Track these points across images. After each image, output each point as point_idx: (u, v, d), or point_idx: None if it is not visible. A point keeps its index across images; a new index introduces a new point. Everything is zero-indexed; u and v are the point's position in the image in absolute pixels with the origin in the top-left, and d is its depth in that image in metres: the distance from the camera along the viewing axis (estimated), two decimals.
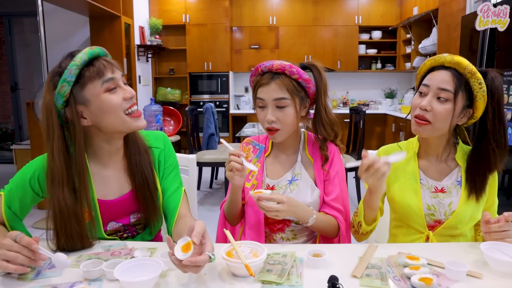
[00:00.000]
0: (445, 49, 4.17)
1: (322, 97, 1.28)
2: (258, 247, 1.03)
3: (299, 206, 1.21)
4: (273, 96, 1.23)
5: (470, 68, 1.14)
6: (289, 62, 1.25)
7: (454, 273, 0.93)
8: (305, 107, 1.31)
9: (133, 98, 1.12)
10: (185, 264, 0.85)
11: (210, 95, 6.27)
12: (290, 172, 1.34)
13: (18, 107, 6.42)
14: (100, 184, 1.18)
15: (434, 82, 1.17)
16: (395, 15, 6.11)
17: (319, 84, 1.28)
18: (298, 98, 1.25)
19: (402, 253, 1.07)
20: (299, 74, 1.23)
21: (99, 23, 4.85)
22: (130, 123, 1.12)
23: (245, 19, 6.27)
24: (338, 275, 0.84)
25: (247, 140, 1.44)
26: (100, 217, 1.17)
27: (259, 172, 1.34)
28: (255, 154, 1.39)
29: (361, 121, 3.87)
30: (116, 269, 0.90)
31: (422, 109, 1.17)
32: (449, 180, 1.25)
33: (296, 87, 1.25)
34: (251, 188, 1.32)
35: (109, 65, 1.08)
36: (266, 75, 1.25)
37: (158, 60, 6.38)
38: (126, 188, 1.21)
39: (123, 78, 1.14)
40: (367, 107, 6.25)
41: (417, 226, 1.26)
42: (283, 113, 1.24)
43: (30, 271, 0.98)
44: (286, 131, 1.27)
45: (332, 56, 6.27)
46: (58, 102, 1.07)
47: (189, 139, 4.25)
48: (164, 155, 1.28)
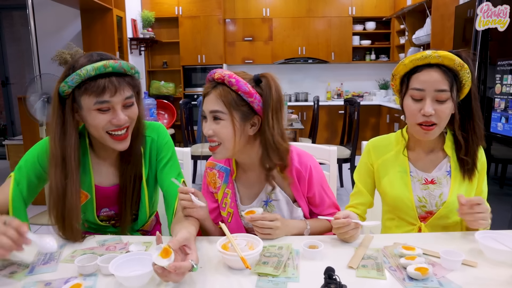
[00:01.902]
0: (439, 39, 4.16)
1: (269, 115, 1.11)
2: (254, 240, 1.03)
3: (291, 224, 1.19)
4: (209, 107, 1.13)
5: (458, 62, 1.12)
6: (237, 71, 1.14)
7: (449, 262, 0.94)
8: (253, 124, 1.15)
9: (120, 125, 1.12)
10: (168, 271, 0.84)
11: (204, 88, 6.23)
12: (263, 193, 1.24)
13: (10, 102, 6.34)
14: (96, 171, 1.23)
15: (428, 85, 1.12)
16: (389, 6, 6.09)
17: (266, 99, 1.12)
18: (238, 113, 1.11)
19: (397, 244, 1.08)
20: (238, 86, 1.09)
21: (90, 16, 4.78)
22: (109, 141, 1.14)
23: (238, 11, 6.22)
24: (334, 267, 0.84)
25: (209, 164, 1.32)
26: (95, 201, 1.21)
27: (232, 198, 1.26)
28: (222, 180, 1.28)
29: (356, 112, 3.88)
30: (111, 263, 0.90)
31: (426, 115, 1.13)
32: (439, 171, 1.24)
33: (236, 100, 1.10)
34: (228, 217, 1.27)
35: (112, 87, 1.08)
36: (209, 84, 1.15)
37: (151, 53, 6.32)
38: (116, 179, 1.25)
39: (127, 101, 1.12)
40: (361, 99, 6.25)
41: (408, 218, 1.26)
42: (219, 127, 1.12)
43: (22, 269, 0.97)
44: (226, 148, 1.13)
45: (326, 47, 6.24)
46: (61, 93, 1.13)
47: (183, 133, 4.23)
48: (157, 146, 1.28)
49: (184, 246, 0.93)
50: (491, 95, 2.71)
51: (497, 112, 2.64)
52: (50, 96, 3.15)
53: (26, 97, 3.07)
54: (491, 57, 2.75)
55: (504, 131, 2.57)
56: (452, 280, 0.89)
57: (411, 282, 0.89)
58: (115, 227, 1.29)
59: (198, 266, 0.94)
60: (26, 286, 0.89)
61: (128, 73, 1.13)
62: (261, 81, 1.14)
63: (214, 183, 1.31)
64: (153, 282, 0.90)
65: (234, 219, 1.26)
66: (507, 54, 2.58)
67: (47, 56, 4.32)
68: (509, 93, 2.53)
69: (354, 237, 1.10)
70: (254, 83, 1.14)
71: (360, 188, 1.35)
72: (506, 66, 2.56)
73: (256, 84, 1.14)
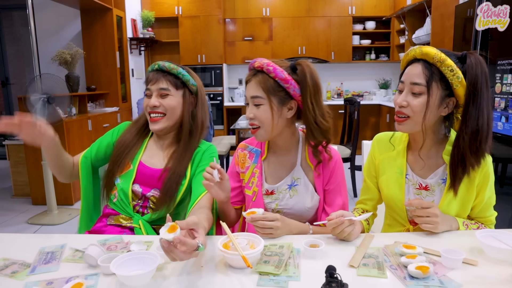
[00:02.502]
0: (438, 38, 4.16)
1: (308, 99, 1.20)
2: (255, 239, 1.04)
3: (293, 224, 1.21)
4: (250, 93, 1.24)
5: (438, 57, 1.10)
6: (275, 60, 1.24)
7: (450, 261, 0.94)
8: (290, 108, 1.25)
9: (152, 107, 1.35)
10: (173, 247, 0.85)
11: (204, 88, 6.23)
12: (289, 177, 1.31)
13: (10, 102, 6.34)
14: (148, 151, 1.43)
15: (407, 78, 1.16)
16: (389, 5, 6.09)
17: (303, 85, 1.21)
18: (276, 98, 1.22)
19: (398, 243, 1.08)
20: (275, 73, 1.20)
21: (90, 16, 4.78)
22: (148, 121, 1.39)
23: (238, 11, 6.21)
24: (335, 265, 0.84)
25: (241, 146, 1.42)
26: (135, 174, 1.37)
27: (259, 178, 1.33)
28: (252, 160, 1.36)
29: (356, 112, 3.88)
30: (113, 263, 0.90)
31: (399, 106, 1.16)
32: (433, 178, 1.22)
33: (274, 86, 1.21)
34: (252, 196, 1.32)
35: (152, 78, 1.37)
36: (250, 72, 1.27)
37: (151, 53, 6.32)
38: (160, 165, 1.38)
39: (161, 91, 1.36)
40: (361, 98, 6.25)
41: (399, 219, 1.29)
42: (258, 111, 1.23)
43: (24, 269, 0.98)
44: (266, 130, 1.25)
45: (326, 47, 6.24)
46: None
47: None
48: (202, 156, 1.39)
49: (192, 230, 0.92)
50: (491, 94, 2.71)
51: (497, 111, 2.64)
52: (50, 96, 3.15)
53: (27, 97, 3.07)
54: (491, 56, 2.75)
55: (504, 130, 2.57)
56: (453, 279, 0.89)
57: (412, 280, 0.89)
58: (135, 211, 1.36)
59: (202, 265, 0.95)
60: (28, 286, 0.89)
61: (171, 71, 1.36)
62: (297, 69, 1.23)
63: (243, 163, 1.38)
64: (154, 281, 0.91)
65: (258, 197, 1.32)
66: (507, 53, 2.58)
67: (47, 56, 4.33)
68: (509, 93, 2.53)
69: (352, 234, 1.10)
70: (291, 70, 1.23)
71: (368, 183, 1.36)
72: (506, 66, 2.57)
73: (292, 71, 1.23)
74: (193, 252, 0.88)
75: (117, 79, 4.91)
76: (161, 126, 1.37)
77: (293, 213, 1.29)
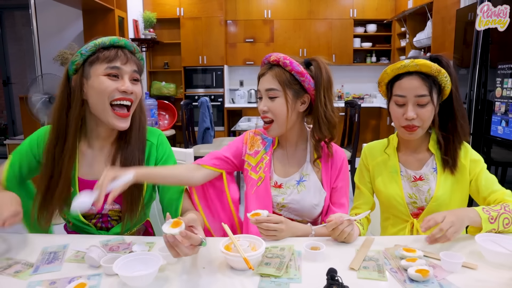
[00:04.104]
0: (439, 42, 4.18)
1: (321, 94, 1.24)
2: (257, 241, 1.04)
3: (296, 226, 1.22)
4: (265, 86, 1.26)
5: (435, 68, 1.19)
6: (290, 55, 1.25)
7: (450, 264, 0.94)
8: (303, 102, 1.28)
9: (127, 93, 1.14)
10: (179, 242, 0.87)
11: (205, 89, 6.24)
12: (298, 173, 1.32)
13: (11, 101, 6.35)
14: (84, 162, 1.22)
15: (409, 92, 1.21)
16: (390, 9, 6.10)
17: (318, 80, 1.24)
18: (291, 91, 1.24)
19: (398, 246, 1.09)
20: (291, 66, 1.23)
21: (92, 17, 4.79)
22: (109, 116, 1.14)
23: (239, 13, 6.23)
24: (336, 268, 0.85)
25: (256, 131, 1.42)
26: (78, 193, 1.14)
27: (267, 164, 1.33)
28: (264, 146, 1.37)
29: (356, 114, 3.88)
30: (115, 263, 0.91)
31: (408, 119, 1.21)
32: (426, 168, 1.31)
33: (289, 79, 1.24)
34: (258, 180, 1.32)
35: (124, 56, 1.14)
36: (265, 66, 1.29)
37: (152, 54, 6.33)
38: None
39: (134, 74, 1.17)
40: (362, 101, 6.26)
41: (401, 215, 1.32)
42: (273, 104, 1.25)
43: (27, 268, 0.98)
44: (279, 124, 1.26)
45: (327, 49, 6.25)
46: (70, 68, 1.16)
47: (184, 134, 4.23)
48: (156, 152, 1.28)
49: (190, 226, 0.94)
50: (492, 98, 2.72)
51: (497, 115, 2.65)
52: (52, 96, 3.16)
53: (28, 97, 3.08)
54: (491, 60, 2.76)
55: (504, 134, 2.58)
56: (453, 282, 0.90)
57: (412, 283, 0.89)
58: (97, 228, 1.26)
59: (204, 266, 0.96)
60: (31, 285, 0.90)
61: (136, 54, 1.20)
62: (311, 64, 1.27)
63: (253, 145, 1.38)
64: (156, 282, 0.91)
65: (264, 184, 1.32)
66: (507, 57, 2.59)
67: (49, 56, 4.32)
68: (510, 97, 2.54)
69: (352, 235, 1.11)
70: (305, 65, 1.27)
71: (362, 189, 1.40)
72: (507, 70, 2.58)
73: (306, 66, 1.27)
74: (196, 247, 0.90)
75: None
76: (129, 123, 1.17)
77: (297, 209, 1.30)
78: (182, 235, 0.87)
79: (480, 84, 2.85)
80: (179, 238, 0.88)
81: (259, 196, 1.30)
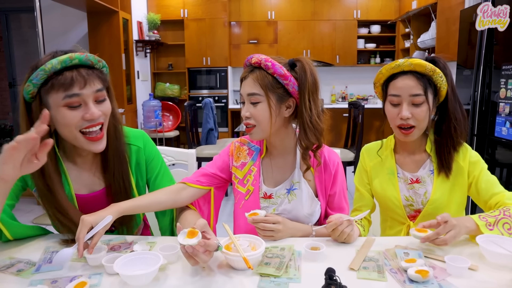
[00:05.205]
0: (444, 43, 4.16)
1: (306, 97, 1.15)
2: (257, 241, 1.04)
3: (296, 227, 1.20)
4: (246, 91, 1.18)
5: (429, 67, 1.19)
6: (273, 56, 1.18)
7: (455, 269, 0.93)
8: (289, 106, 1.20)
9: (94, 120, 1.05)
10: (197, 251, 0.87)
11: (209, 90, 6.26)
12: (288, 181, 1.26)
13: (17, 103, 6.38)
14: (73, 179, 1.18)
15: (403, 91, 1.20)
16: (394, 9, 6.09)
17: (302, 82, 1.15)
18: (274, 95, 1.16)
19: (398, 246, 1.08)
20: (273, 69, 1.14)
21: (97, 19, 4.83)
22: (83, 143, 1.07)
23: (243, 14, 6.25)
24: (335, 268, 0.85)
25: (241, 140, 1.35)
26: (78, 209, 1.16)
27: (255, 177, 1.27)
28: (251, 157, 1.30)
29: (360, 115, 3.88)
30: (116, 263, 0.91)
31: (403, 119, 1.21)
32: (422, 171, 1.30)
33: (272, 83, 1.15)
34: (246, 194, 1.28)
35: (81, 79, 1.01)
36: (247, 69, 1.20)
37: (156, 55, 6.36)
38: (98, 185, 1.21)
39: (98, 94, 1.06)
40: (366, 102, 6.24)
41: (398, 218, 1.32)
42: (255, 109, 1.17)
43: (29, 267, 0.99)
44: (262, 129, 1.19)
45: (331, 50, 6.25)
46: (25, 96, 1.07)
47: (188, 134, 4.25)
48: (145, 155, 1.26)
49: (203, 232, 0.94)
50: (496, 99, 2.70)
51: (501, 116, 2.64)
52: None
53: None
54: (496, 61, 2.75)
55: (509, 135, 2.57)
56: (453, 283, 0.89)
57: (412, 284, 0.89)
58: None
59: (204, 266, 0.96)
60: (33, 284, 0.91)
61: (95, 66, 1.06)
62: (296, 65, 1.18)
63: (239, 157, 1.31)
64: (157, 281, 0.92)
65: (253, 197, 1.27)
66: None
67: None
68: None
69: (351, 235, 1.11)
70: (289, 67, 1.18)
71: (362, 191, 1.40)
72: (511, 71, 2.56)
73: (291, 68, 1.18)
74: (212, 253, 0.92)
75: (123, 81, 4.95)
76: (105, 142, 1.11)
77: (291, 219, 1.23)
78: (200, 245, 0.88)
79: (484, 85, 2.84)
80: (197, 247, 0.88)
81: (247, 209, 1.21)
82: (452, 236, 1.02)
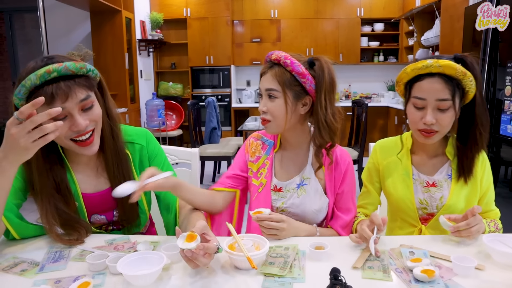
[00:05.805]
0: (448, 40, 4.13)
1: (322, 96, 1.17)
2: (261, 240, 1.04)
3: (300, 226, 1.20)
4: (265, 86, 1.21)
5: (460, 70, 1.10)
6: (293, 54, 1.20)
7: (461, 268, 0.92)
8: (305, 104, 1.22)
9: (82, 130, 1.05)
10: (197, 254, 0.87)
11: (212, 89, 6.26)
12: (299, 176, 1.28)
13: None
14: (79, 176, 1.20)
15: (430, 95, 1.13)
16: (398, 7, 6.06)
17: (319, 81, 1.17)
18: (291, 92, 1.18)
19: (404, 246, 1.07)
20: (292, 66, 1.16)
21: (100, 18, 4.83)
22: (75, 148, 1.09)
23: (246, 12, 6.24)
24: (340, 268, 0.84)
25: (256, 135, 1.38)
26: (85, 209, 1.19)
27: (269, 169, 1.30)
28: (264, 151, 1.33)
29: (364, 114, 3.86)
30: (119, 262, 0.91)
31: (427, 124, 1.14)
32: (440, 175, 1.25)
33: (290, 80, 1.18)
34: (259, 186, 1.30)
35: (62, 93, 0.99)
36: (266, 64, 1.23)
37: (159, 54, 6.37)
38: (104, 184, 1.22)
39: (84, 103, 1.04)
40: (369, 100, 6.23)
41: (410, 220, 1.28)
42: (272, 105, 1.20)
43: (33, 267, 0.99)
44: (277, 124, 1.22)
45: (334, 48, 6.23)
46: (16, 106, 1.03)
47: (191, 133, 4.25)
48: (148, 153, 1.27)
49: (203, 234, 0.94)
50: (501, 97, 2.68)
51: (506, 114, 2.62)
52: None
53: None
54: (501, 59, 2.72)
55: None
56: (459, 283, 0.88)
57: (417, 284, 0.88)
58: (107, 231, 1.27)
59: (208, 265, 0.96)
60: (37, 284, 0.91)
61: (78, 73, 1.03)
62: (315, 64, 1.19)
63: (254, 152, 1.35)
64: (160, 281, 0.91)
65: (265, 190, 1.29)
66: None
67: None
68: None
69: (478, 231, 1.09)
70: (308, 65, 1.20)
71: (369, 188, 1.37)
72: None
73: (310, 66, 1.20)
74: (212, 255, 0.91)
75: (126, 80, 4.96)
76: (97, 145, 1.12)
77: (298, 214, 1.26)
78: (199, 249, 0.87)
79: (489, 82, 2.81)
80: (196, 250, 0.88)
81: (259, 201, 1.27)
82: (477, 230, 1.03)
